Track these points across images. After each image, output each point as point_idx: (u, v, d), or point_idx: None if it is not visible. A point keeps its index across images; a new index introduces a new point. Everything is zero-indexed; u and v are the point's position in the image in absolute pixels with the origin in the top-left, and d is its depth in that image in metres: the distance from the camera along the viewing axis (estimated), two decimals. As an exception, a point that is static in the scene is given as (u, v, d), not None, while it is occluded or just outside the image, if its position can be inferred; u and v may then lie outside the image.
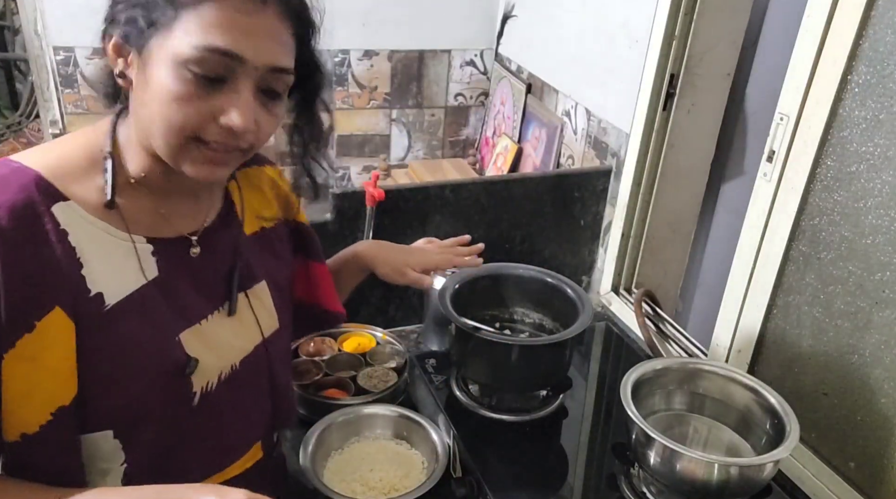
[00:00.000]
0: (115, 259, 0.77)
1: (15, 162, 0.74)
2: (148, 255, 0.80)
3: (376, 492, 1.15)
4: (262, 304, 0.93)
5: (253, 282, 0.92)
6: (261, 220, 0.96)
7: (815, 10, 1.09)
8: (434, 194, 1.56)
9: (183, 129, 0.72)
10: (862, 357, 1.10)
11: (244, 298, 0.90)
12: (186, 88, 0.71)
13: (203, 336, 0.83)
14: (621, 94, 1.67)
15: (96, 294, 0.75)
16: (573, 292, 1.33)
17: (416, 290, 1.57)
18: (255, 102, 0.74)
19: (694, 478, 1.00)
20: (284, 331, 0.97)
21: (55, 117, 2.10)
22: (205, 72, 0.70)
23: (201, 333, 0.83)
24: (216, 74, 0.71)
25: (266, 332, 0.92)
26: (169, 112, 0.71)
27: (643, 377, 1.13)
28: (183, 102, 0.71)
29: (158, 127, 0.73)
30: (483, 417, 1.28)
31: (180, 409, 0.82)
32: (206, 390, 0.83)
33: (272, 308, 0.94)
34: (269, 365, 0.93)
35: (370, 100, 2.49)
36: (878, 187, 1.04)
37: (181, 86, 0.70)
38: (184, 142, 0.73)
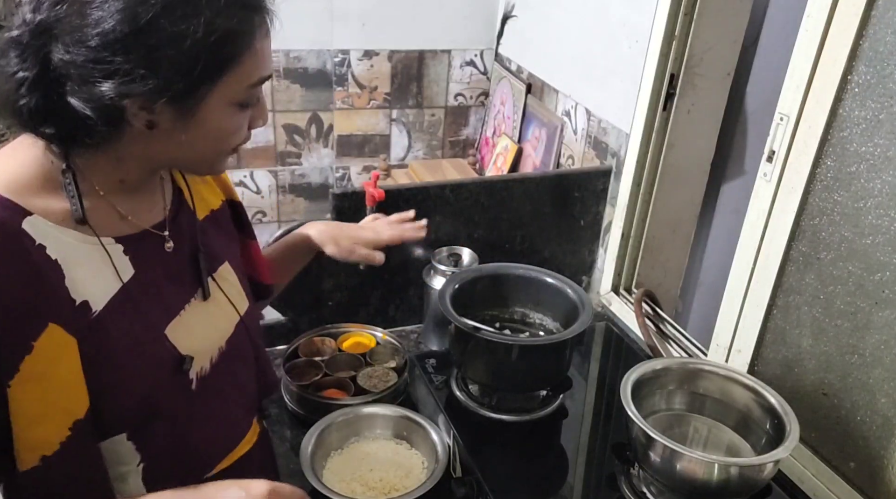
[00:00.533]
0: (92, 265, 0.77)
1: None
2: (120, 254, 0.79)
3: (376, 492, 1.15)
4: (230, 284, 0.95)
5: (217, 264, 0.94)
6: (208, 203, 0.98)
7: (815, 10, 1.09)
8: (434, 194, 1.55)
9: (232, 148, 0.81)
10: (862, 357, 1.10)
11: (212, 281, 0.92)
12: (241, 120, 0.79)
13: (187, 325, 0.85)
14: (621, 94, 1.67)
15: (82, 303, 0.75)
16: (573, 292, 1.33)
17: (416, 290, 1.57)
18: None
19: (694, 478, 1.00)
20: (253, 305, 1.00)
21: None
22: (251, 100, 0.79)
23: (184, 323, 0.85)
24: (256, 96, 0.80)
25: (241, 309, 0.95)
26: (224, 145, 0.80)
27: (643, 377, 1.13)
28: (239, 130, 0.80)
29: (212, 155, 0.81)
30: (483, 417, 1.28)
31: (182, 397, 0.83)
32: (202, 374, 0.86)
33: (239, 286, 0.97)
34: (251, 339, 0.97)
35: (370, 100, 2.49)
36: (878, 187, 1.04)
37: (238, 120, 0.79)
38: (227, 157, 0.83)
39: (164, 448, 0.83)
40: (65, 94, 0.70)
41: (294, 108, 2.43)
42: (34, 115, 0.71)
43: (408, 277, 1.58)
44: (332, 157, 2.54)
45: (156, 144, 0.76)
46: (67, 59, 0.68)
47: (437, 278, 1.48)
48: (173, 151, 0.78)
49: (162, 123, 0.74)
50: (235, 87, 0.75)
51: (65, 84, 0.70)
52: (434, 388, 1.35)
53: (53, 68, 0.69)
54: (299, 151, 2.48)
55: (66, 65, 0.68)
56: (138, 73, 0.68)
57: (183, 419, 0.84)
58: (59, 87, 0.70)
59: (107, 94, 0.68)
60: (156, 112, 0.72)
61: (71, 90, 0.69)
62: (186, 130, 0.75)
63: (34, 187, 0.74)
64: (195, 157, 0.80)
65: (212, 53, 0.70)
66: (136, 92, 0.69)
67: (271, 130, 2.42)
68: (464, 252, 1.56)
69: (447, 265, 1.50)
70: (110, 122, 0.71)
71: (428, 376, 1.37)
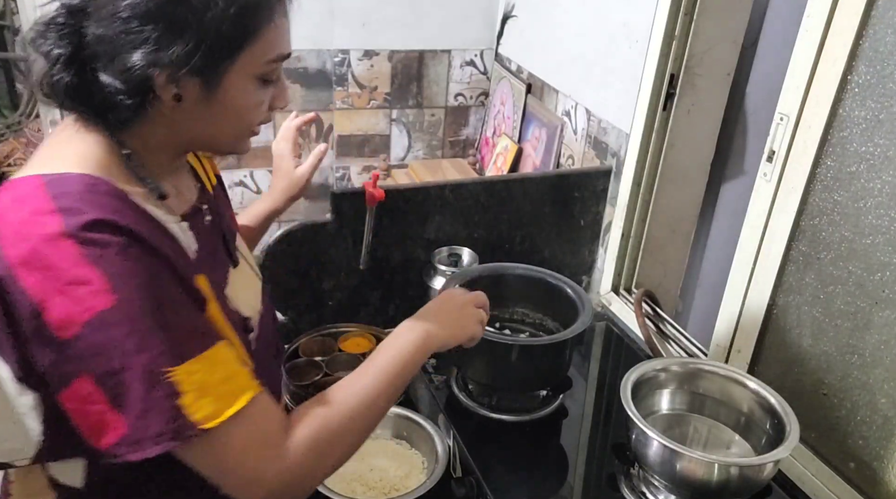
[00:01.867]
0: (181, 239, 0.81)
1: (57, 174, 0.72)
2: (187, 230, 0.83)
3: (376, 492, 1.15)
4: (243, 250, 0.99)
5: (234, 236, 0.97)
6: (210, 179, 1.00)
7: (815, 10, 1.09)
8: (434, 194, 1.55)
9: (254, 128, 0.83)
10: (862, 357, 1.10)
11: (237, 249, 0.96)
12: (261, 96, 0.81)
13: (234, 290, 0.88)
14: (621, 94, 1.67)
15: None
16: (573, 292, 1.33)
17: (416, 290, 1.57)
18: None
19: (694, 478, 1.00)
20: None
21: (55, 117, 2.11)
22: (271, 76, 0.80)
23: (233, 289, 0.88)
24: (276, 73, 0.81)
25: (258, 274, 1.00)
26: (248, 119, 0.81)
27: (643, 377, 1.13)
28: (259, 107, 0.81)
29: (233, 132, 0.82)
30: (483, 417, 1.28)
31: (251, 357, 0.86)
32: (255, 336, 0.90)
33: (248, 252, 1.01)
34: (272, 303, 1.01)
35: (370, 100, 2.49)
36: (878, 187, 1.04)
37: (259, 95, 0.80)
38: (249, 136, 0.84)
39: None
40: (97, 70, 0.73)
41: (294, 108, 2.42)
42: (69, 92, 0.74)
43: (408, 277, 1.58)
44: (332, 157, 2.53)
45: (184, 119, 0.78)
46: (100, 34, 0.71)
47: (437, 278, 1.48)
48: (200, 126, 0.80)
49: (188, 97, 0.76)
50: (256, 60, 0.77)
51: (97, 60, 0.73)
52: (434, 388, 1.35)
53: (87, 45, 0.72)
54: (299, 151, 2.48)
55: (98, 39, 0.72)
56: (164, 43, 0.71)
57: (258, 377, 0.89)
58: (91, 64, 0.73)
59: (137, 65, 0.71)
60: (181, 85, 0.75)
61: (103, 65, 0.73)
62: (210, 104, 0.77)
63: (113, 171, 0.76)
64: (220, 133, 0.82)
65: (233, 24, 0.74)
66: (163, 61, 0.72)
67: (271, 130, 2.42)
68: (464, 252, 1.56)
69: (447, 265, 1.50)
70: (140, 95, 0.74)
71: (428, 375, 1.37)
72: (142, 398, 0.67)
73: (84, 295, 0.66)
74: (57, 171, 0.72)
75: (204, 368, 0.71)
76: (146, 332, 0.68)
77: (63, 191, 0.69)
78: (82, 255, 0.66)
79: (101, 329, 0.66)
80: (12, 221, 0.68)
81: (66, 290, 0.66)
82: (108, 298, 0.66)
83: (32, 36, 0.74)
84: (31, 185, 0.71)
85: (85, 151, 0.75)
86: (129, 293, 0.67)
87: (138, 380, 0.67)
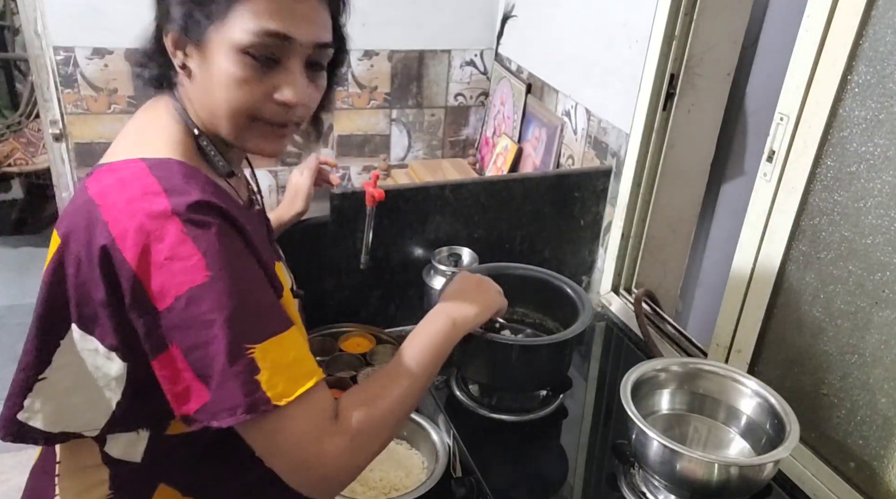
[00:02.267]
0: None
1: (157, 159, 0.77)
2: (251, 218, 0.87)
3: (376, 492, 1.15)
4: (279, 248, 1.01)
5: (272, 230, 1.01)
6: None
7: (815, 10, 1.09)
8: (434, 194, 1.55)
9: (245, 109, 0.79)
10: (862, 357, 1.10)
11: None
12: (246, 72, 0.77)
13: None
14: (621, 94, 1.67)
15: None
16: (573, 292, 1.33)
17: (416, 290, 1.57)
18: (304, 78, 0.81)
19: (694, 478, 1.00)
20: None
21: (55, 117, 2.10)
22: (261, 54, 0.77)
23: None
24: (271, 54, 0.77)
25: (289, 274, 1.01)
26: (232, 95, 0.78)
27: (643, 377, 1.13)
28: (244, 85, 0.77)
29: (223, 110, 0.79)
30: (483, 417, 1.28)
31: None
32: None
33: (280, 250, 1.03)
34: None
35: (370, 100, 2.49)
36: (878, 187, 1.04)
37: (241, 70, 0.77)
38: (245, 122, 0.80)
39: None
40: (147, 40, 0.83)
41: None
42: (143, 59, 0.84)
43: (408, 277, 1.58)
44: (332, 157, 2.53)
45: (195, 94, 0.81)
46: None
47: (437, 278, 1.48)
48: (203, 103, 0.81)
49: (192, 67, 0.80)
50: (241, 28, 0.75)
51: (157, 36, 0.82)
52: (434, 388, 1.35)
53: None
54: (299, 151, 2.48)
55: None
56: (166, 8, 0.78)
57: None
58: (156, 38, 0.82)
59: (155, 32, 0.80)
60: (186, 54, 0.79)
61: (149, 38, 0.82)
62: (205, 75, 0.79)
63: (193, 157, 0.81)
64: (216, 110, 0.80)
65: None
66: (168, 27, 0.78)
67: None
68: (464, 252, 1.56)
69: (447, 265, 1.50)
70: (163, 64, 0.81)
71: (428, 375, 1.37)
72: (223, 371, 0.71)
73: (181, 269, 0.70)
74: (156, 156, 0.77)
75: (279, 348, 0.74)
76: (233, 309, 0.71)
77: (167, 174, 0.75)
78: (184, 232, 0.71)
79: (192, 303, 0.70)
80: (119, 200, 0.73)
81: (165, 263, 0.70)
82: (202, 274, 0.70)
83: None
84: (135, 168, 0.76)
85: (172, 137, 0.80)
86: (220, 271, 0.71)
87: (222, 354, 0.71)
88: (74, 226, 0.75)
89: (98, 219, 0.73)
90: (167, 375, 0.73)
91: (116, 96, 2.14)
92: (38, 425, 0.80)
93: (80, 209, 0.76)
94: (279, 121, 0.81)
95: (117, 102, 2.15)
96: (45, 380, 0.78)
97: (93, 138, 2.17)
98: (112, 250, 0.71)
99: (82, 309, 0.75)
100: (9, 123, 3.54)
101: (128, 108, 2.17)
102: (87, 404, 0.79)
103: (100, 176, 0.77)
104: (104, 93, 2.13)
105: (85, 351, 0.76)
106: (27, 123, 3.54)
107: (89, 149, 2.17)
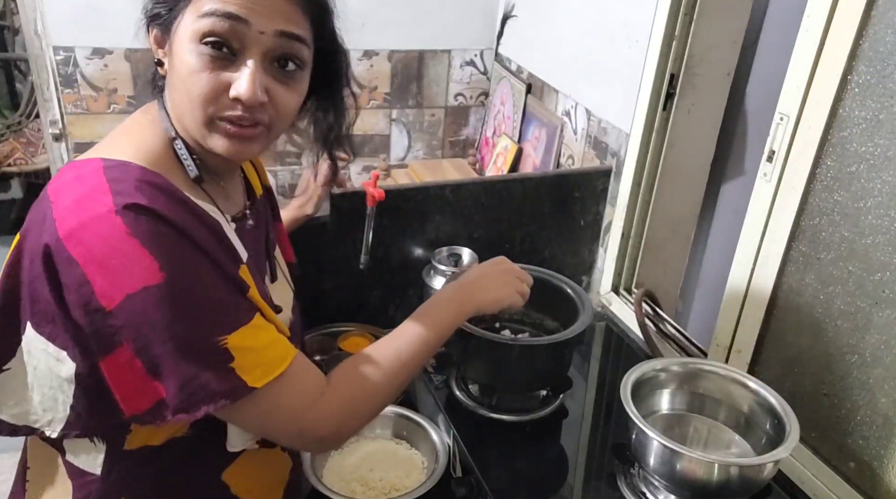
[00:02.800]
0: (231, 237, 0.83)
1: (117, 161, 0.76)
2: (233, 232, 0.85)
3: (376, 492, 1.15)
4: (281, 265, 1.00)
5: (273, 247, 0.99)
6: (257, 187, 1.01)
7: (815, 10, 1.09)
8: (434, 194, 1.55)
9: (201, 103, 0.75)
10: (862, 357, 1.10)
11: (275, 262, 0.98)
12: (201, 61, 0.74)
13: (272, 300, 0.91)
14: (621, 94, 1.67)
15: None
16: (573, 292, 1.33)
17: (416, 290, 1.57)
18: (264, 73, 0.76)
19: (694, 478, 1.00)
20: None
21: (55, 117, 2.10)
22: (217, 41, 0.73)
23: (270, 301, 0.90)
24: (228, 44, 0.74)
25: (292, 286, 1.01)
26: (190, 87, 0.75)
27: (643, 377, 1.13)
28: (199, 75, 0.74)
29: (186, 104, 0.76)
30: (483, 417, 1.28)
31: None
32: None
33: (283, 262, 1.02)
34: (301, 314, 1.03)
35: (370, 100, 2.49)
36: (878, 187, 1.04)
37: (197, 59, 0.74)
38: (205, 118, 0.76)
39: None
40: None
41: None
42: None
43: (408, 277, 1.58)
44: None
45: (168, 91, 0.81)
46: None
47: (437, 278, 1.48)
48: (173, 97, 0.80)
49: (167, 63, 0.79)
50: (193, 15, 0.74)
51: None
52: (434, 388, 1.35)
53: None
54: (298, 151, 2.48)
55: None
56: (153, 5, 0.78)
57: None
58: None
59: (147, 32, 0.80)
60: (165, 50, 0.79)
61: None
62: (170, 68, 0.79)
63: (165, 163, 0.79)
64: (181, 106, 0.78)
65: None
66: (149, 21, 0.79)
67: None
68: (464, 252, 1.56)
69: (447, 265, 1.50)
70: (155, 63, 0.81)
71: (428, 375, 1.37)
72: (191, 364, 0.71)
73: (130, 268, 0.69)
74: (118, 158, 0.76)
75: (250, 336, 0.75)
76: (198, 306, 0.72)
77: (119, 177, 0.73)
78: (128, 232, 0.69)
79: (147, 302, 0.69)
80: (69, 198, 0.72)
81: (110, 263, 0.69)
82: (155, 274, 0.70)
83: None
84: (91, 167, 0.75)
85: (144, 143, 0.79)
86: (176, 271, 0.71)
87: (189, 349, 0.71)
88: (31, 221, 0.75)
89: (49, 216, 0.72)
90: (116, 375, 0.72)
91: (116, 96, 2.14)
92: (4, 416, 0.80)
93: (38, 205, 0.76)
94: (236, 119, 0.76)
95: (117, 102, 2.15)
96: (8, 371, 0.78)
97: (93, 138, 2.17)
98: (57, 249, 0.70)
99: (35, 306, 0.74)
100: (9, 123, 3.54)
101: (127, 108, 2.17)
102: (45, 402, 0.78)
103: (62, 173, 0.77)
104: (104, 93, 2.13)
105: (38, 350, 0.75)
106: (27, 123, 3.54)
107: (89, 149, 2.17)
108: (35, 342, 0.75)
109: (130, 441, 0.81)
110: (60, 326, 0.73)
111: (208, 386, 0.72)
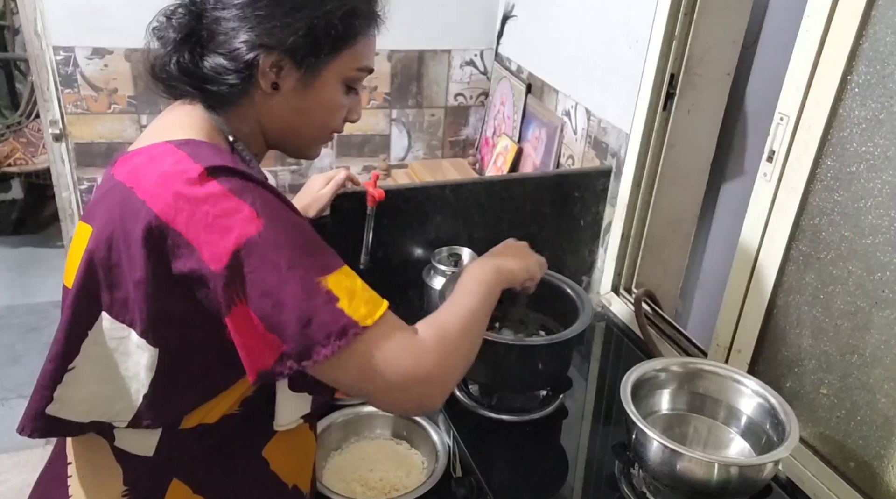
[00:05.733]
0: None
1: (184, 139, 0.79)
2: None
3: (376, 492, 1.15)
4: None
5: None
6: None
7: (815, 10, 1.09)
8: (434, 194, 1.55)
9: (332, 128, 0.91)
10: (862, 357, 1.10)
11: None
12: (344, 100, 0.89)
13: None
14: (621, 94, 1.67)
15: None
16: (573, 292, 1.33)
17: (416, 290, 1.57)
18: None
19: (694, 478, 1.00)
20: None
21: (55, 117, 2.10)
22: (355, 85, 0.90)
23: None
24: (356, 84, 0.90)
25: None
26: (330, 118, 0.90)
27: (643, 377, 1.13)
28: (340, 110, 0.90)
29: (315, 128, 0.90)
30: (483, 417, 1.28)
31: None
32: None
33: None
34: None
35: (370, 100, 2.49)
36: (878, 187, 1.04)
37: (343, 98, 0.89)
38: (327, 138, 0.92)
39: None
40: (210, 50, 0.81)
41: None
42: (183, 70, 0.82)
43: (408, 277, 1.58)
44: (332, 156, 2.53)
45: (275, 110, 0.85)
46: (217, 16, 0.80)
47: (437, 278, 1.48)
48: (288, 119, 0.86)
49: (284, 86, 0.83)
50: (350, 64, 0.86)
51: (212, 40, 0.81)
52: (434, 388, 1.34)
53: (204, 27, 0.81)
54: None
55: (216, 21, 0.80)
56: (277, 27, 0.79)
57: None
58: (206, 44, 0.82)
59: (246, 44, 0.79)
60: (282, 74, 0.82)
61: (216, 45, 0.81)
62: (302, 98, 0.85)
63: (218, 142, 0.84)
64: (304, 129, 0.88)
65: (342, 23, 0.82)
66: (272, 44, 0.80)
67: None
68: (464, 252, 1.56)
69: (447, 265, 1.50)
70: (243, 75, 0.81)
71: (428, 376, 1.37)
72: (303, 309, 0.72)
73: (233, 223, 0.71)
74: (183, 138, 0.79)
75: (346, 279, 0.77)
76: (297, 249, 0.74)
77: (194, 148, 0.77)
78: (222, 189, 0.73)
79: (253, 254, 0.71)
80: (151, 177, 0.75)
81: (213, 223, 0.72)
82: (253, 221, 0.72)
83: (154, 25, 0.84)
84: (162, 148, 0.78)
85: (201, 126, 0.83)
86: (272, 217, 0.73)
87: (298, 292, 0.72)
88: (105, 211, 0.76)
89: (133, 199, 0.74)
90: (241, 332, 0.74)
91: (116, 96, 2.14)
92: (69, 416, 0.81)
93: (108, 194, 0.77)
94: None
95: (117, 102, 2.15)
96: (74, 370, 0.79)
97: (93, 138, 2.17)
98: (159, 226, 0.72)
99: (114, 294, 0.76)
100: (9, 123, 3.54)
101: (128, 108, 2.17)
102: (116, 394, 0.79)
103: (125, 161, 0.79)
104: (104, 93, 2.13)
105: (113, 340, 0.77)
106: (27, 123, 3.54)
107: (89, 149, 2.17)
108: (112, 331, 0.77)
109: (188, 420, 0.83)
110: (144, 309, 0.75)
111: (322, 328, 0.73)
